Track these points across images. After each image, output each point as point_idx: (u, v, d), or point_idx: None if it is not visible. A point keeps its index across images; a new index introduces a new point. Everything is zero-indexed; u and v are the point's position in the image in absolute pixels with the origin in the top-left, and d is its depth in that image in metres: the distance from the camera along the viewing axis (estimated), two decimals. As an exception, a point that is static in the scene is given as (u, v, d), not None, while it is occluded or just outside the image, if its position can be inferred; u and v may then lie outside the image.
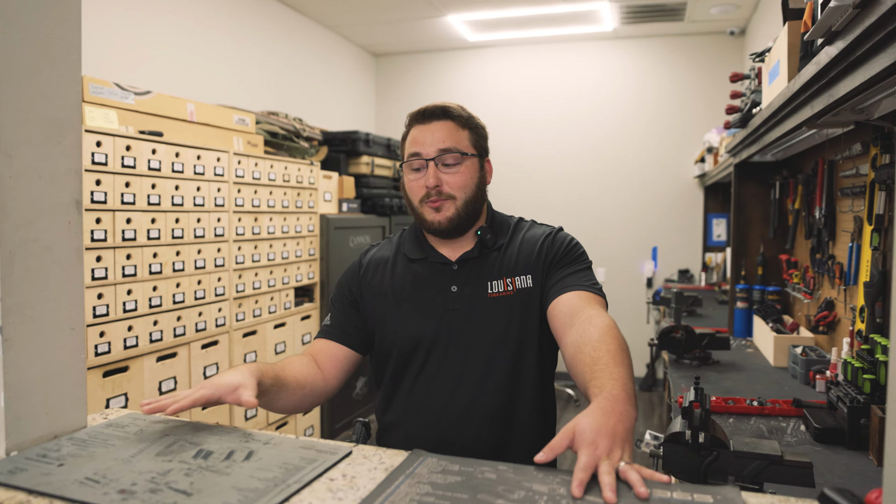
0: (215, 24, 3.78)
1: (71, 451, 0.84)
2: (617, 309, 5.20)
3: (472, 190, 1.30)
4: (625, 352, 1.03)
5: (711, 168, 4.06)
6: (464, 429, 1.26)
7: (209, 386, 0.96)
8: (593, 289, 1.26)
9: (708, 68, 4.89)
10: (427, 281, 1.33)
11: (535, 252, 1.33)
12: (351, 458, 0.85)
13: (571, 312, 1.18)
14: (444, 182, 1.28)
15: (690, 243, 5.05)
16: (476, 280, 1.31)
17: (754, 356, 2.45)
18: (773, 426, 1.67)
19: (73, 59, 0.91)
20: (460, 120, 1.33)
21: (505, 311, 1.28)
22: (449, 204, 1.28)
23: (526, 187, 5.39)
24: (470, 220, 1.32)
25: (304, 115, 4.54)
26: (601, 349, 1.02)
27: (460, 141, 1.30)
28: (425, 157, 1.28)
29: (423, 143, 1.29)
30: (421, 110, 1.34)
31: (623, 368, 0.97)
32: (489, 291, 1.30)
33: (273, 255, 3.31)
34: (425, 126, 1.31)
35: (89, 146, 2.21)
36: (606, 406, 0.85)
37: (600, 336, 1.05)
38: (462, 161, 1.30)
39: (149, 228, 2.47)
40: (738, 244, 2.90)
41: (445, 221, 1.28)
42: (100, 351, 2.27)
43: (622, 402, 0.88)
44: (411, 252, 1.37)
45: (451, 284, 1.31)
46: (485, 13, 4.55)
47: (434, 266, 1.34)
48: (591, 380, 0.96)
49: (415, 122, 1.34)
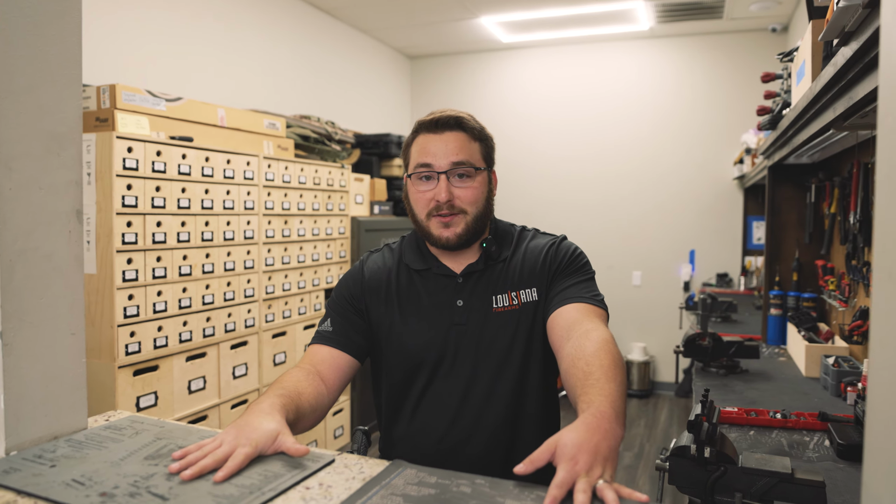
0: (249, 30, 3.86)
1: (66, 452, 0.88)
2: (652, 313, 5.11)
3: (482, 204, 1.29)
4: (618, 367, 1.00)
5: (749, 169, 3.95)
6: (470, 442, 1.26)
7: (247, 442, 0.86)
8: (594, 301, 1.23)
9: (747, 67, 4.75)
10: (432, 294, 1.31)
11: (538, 263, 1.31)
12: (332, 467, 0.85)
13: (569, 325, 1.16)
14: (457, 196, 1.25)
15: (730, 246, 4.91)
16: (481, 294, 1.29)
17: (786, 365, 2.37)
18: (795, 440, 1.61)
19: (74, 75, 0.94)
20: (473, 132, 1.30)
21: (510, 325, 1.27)
22: (459, 219, 1.26)
23: (561, 189, 5.33)
24: (478, 235, 1.31)
25: (339, 118, 4.60)
26: (594, 364, 1.00)
27: (473, 154, 1.28)
28: (437, 170, 1.25)
29: (436, 155, 1.26)
30: (433, 119, 1.29)
31: (614, 384, 0.95)
32: (494, 306, 1.28)
33: (303, 258, 3.36)
34: (437, 136, 1.28)
35: (121, 152, 2.29)
36: (592, 422, 0.83)
37: (595, 350, 1.03)
38: (475, 175, 1.28)
39: (178, 231, 2.55)
40: (772, 249, 2.81)
41: (454, 238, 1.25)
42: (130, 350, 2.35)
43: (608, 419, 0.86)
44: (414, 262, 1.34)
45: (457, 298, 1.29)
46: (518, 14, 4.53)
47: (438, 278, 1.32)
48: (581, 395, 0.95)
49: (424, 130, 1.30)
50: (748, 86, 4.72)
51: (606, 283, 5.22)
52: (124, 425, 0.99)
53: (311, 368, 1.24)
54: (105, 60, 2.89)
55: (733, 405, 1.84)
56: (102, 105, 2.41)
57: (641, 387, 5.04)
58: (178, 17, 3.34)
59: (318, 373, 1.25)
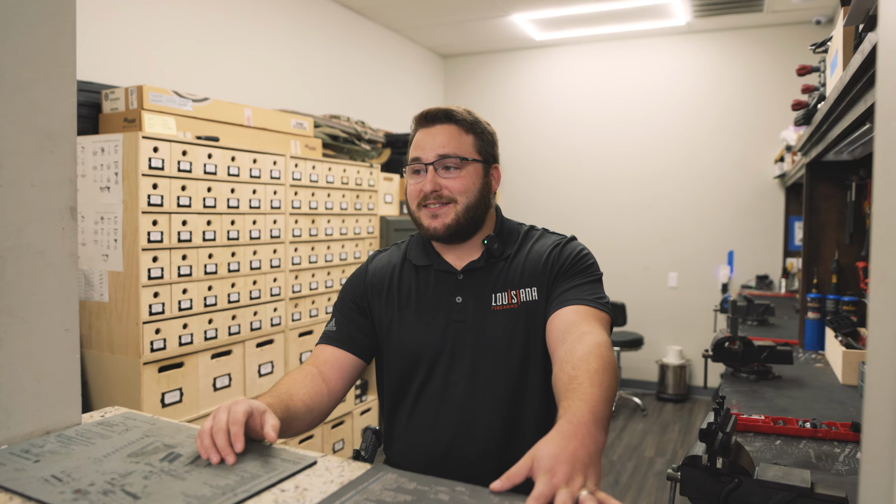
0: (280, 30, 3.90)
1: (53, 447, 0.88)
2: (688, 316, 4.97)
3: (473, 195, 1.26)
4: (607, 372, 0.96)
5: (790, 168, 3.80)
6: (467, 443, 1.23)
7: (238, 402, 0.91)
8: (596, 303, 1.19)
9: (789, 62, 4.56)
10: (431, 290, 1.30)
11: (541, 263, 1.28)
12: (312, 469, 0.84)
13: (566, 328, 1.12)
14: (444, 186, 1.25)
15: (770, 247, 4.74)
16: (481, 291, 1.27)
17: (822, 372, 2.26)
18: (824, 452, 1.52)
19: (68, 72, 0.95)
20: (464, 124, 1.29)
21: (509, 324, 1.24)
22: (449, 209, 1.25)
23: (596, 188, 5.24)
24: (471, 227, 1.28)
25: (371, 117, 4.61)
26: (581, 368, 0.96)
27: (462, 146, 1.27)
28: (425, 162, 1.26)
29: (424, 148, 1.27)
30: (424, 113, 1.30)
31: (598, 389, 0.90)
32: (493, 304, 1.26)
33: (331, 257, 3.37)
34: (428, 130, 1.28)
35: (146, 152, 2.33)
36: (568, 430, 0.80)
37: (584, 354, 0.99)
38: (463, 166, 1.26)
39: (204, 230, 2.58)
40: (810, 250, 2.69)
41: (442, 228, 1.25)
42: (155, 347, 2.39)
43: (586, 424, 0.81)
44: (417, 259, 1.34)
45: (456, 295, 1.28)
46: (550, 11, 4.46)
47: (439, 275, 1.31)
48: (562, 400, 0.91)
49: (418, 125, 1.31)
50: (790, 81, 4.54)
51: (642, 284, 5.11)
52: (117, 422, 1.00)
53: (313, 369, 1.24)
54: (135, 62, 2.95)
55: (761, 413, 1.76)
56: (130, 106, 2.47)
57: (677, 391, 4.91)
58: (209, 17, 3.39)
59: (321, 373, 1.24)
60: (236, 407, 0.90)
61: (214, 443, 0.86)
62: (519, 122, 5.49)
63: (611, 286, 5.46)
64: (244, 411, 0.89)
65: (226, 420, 0.88)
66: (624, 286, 5.11)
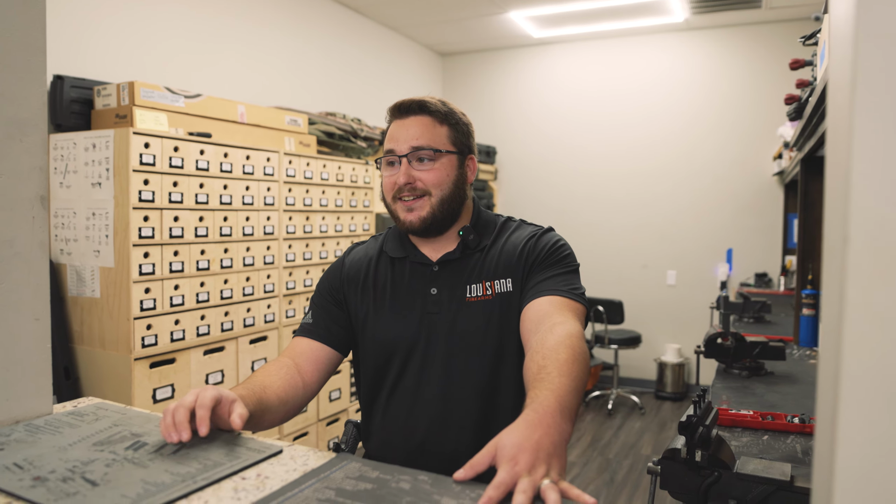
0: (276, 27, 3.90)
1: (20, 436, 0.88)
2: (687, 314, 4.95)
3: (448, 187, 1.25)
4: (577, 363, 0.95)
5: (788, 164, 3.77)
6: (442, 436, 1.22)
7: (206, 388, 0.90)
8: (571, 294, 1.18)
9: (788, 58, 4.49)
10: (406, 282, 1.29)
11: (516, 254, 1.27)
12: (277, 458, 0.83)
13: (539, 318, 1.12)
14: (418, 178, 1.24)
15: (769, 245, 4.72)
16: (455, 283, 1.26)
17: (815, 368, 2.24)
18: (811, 447, 1.51)
19: (38, 61, 0.94)
20: (438, 115, 1.27)
21: (483, 315, 1.23)
22: (424, 202, 1.24)
23: (594, 186, 5.22)
24: (447, 220, 1.27)
25: (369, 115, 4.60)
26: (550, 358, 0.95)
27: (436, 137, 1.25)
28: (398, 154, 1.24)
29: (398, 140, 1.25)
30: (398, 104, 1.28)
31: (566, 379, 0.89)
32: (468, 295, 1.25)
33: (325, 254, 3.37)
34: (402, 121, 1.27)
35: (137, 147, 2.33)
36: (533, 418, 0.79)
37: (554, 345, 0.98)
38: (437, 158, 1.25)
39: (196, 226, 2.58)
40: (805, 246, 2.67)
41: (417, 221, 1.24)
42: (146, 343, 2.39)
43: (552, 413, 0.80)
44: (393, 251, 1.33)
45: (431, 286, 1.27)
46: (547, 8, 4.45)
47: (414, 266, 1.30)
48: (530, 389, 0.90)
49: (393, 116, 1.29)
50: (788, 78, 4.52)
51: (640, 282, 5.09)
52: (88, 412, 0.99)
53: (289, 361, 1.23)
54: (129, 59, 2.95)
55: (750, 408, 1.75)
56: (122, 102, 2.47)
57: (675, 389, 4.89)
58: (204, 14, 3.39)
59: (297, 365, 1.23)
60: (205, 392, 0.90)
61: (174, 420, 0.86)
62: (517, 119, 5.48)
63: (609, 284, 5.45)
64: (212, 397, 0.89)
65: (192, 401, 0.88)
66: (622, 284, 5.10)
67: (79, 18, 2.72)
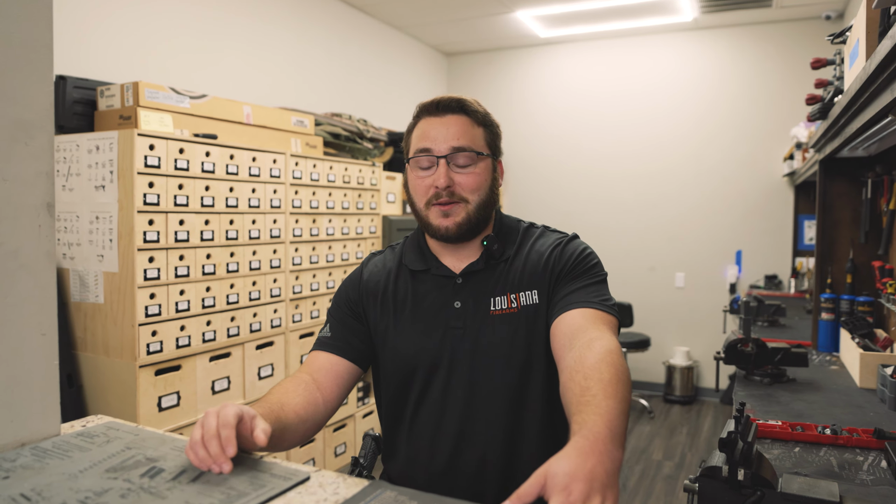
0: (281, 27, 3.84)
1: (26, 461, 0.82)
2: (695, 316, 4.89)
3: (485, 193, 1.19)
4: (621, 382, 0.89)
5: (800, 165, 3.72)
6: (468, 452, 1.17)
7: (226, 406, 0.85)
8: (602, 306, 1.12)
9: (798, 58, 4.49)
10: (429, 296, 1.23)
11: (541, 264, 1.21)
12: (305, 486, 0.77)
13: (573, 333, 1.05)
14: (457, 183, 1.17)
15: (779, 247, 4.66)
16: (480, 296, 1.20)
17: (838, 375, 2.19)
18: (846, 460, 1.45)
19: (44, 60, 0.89)
20: (476, 116, 1.21)
21: (509, 329, 1.18)
22: (460, 208, 1.17)
23: (601, 187, 5.17)
24: (479, 226, 1.22)
25: (374, 116, 4.55)
26: (593, 378, 0.89)
27: (475, 139, 1.19)
28: (437, 155, 1.17)
29: (436, 139, 1.17)
30: (435, 101, 1.20)
31: (613, 402, 0.84)
32: (492, 308, 1.19)
33: (332, 257, 3.31)
34: (438, 119, 1.19)
35: (142, 149, 2.27)
36: (584, 446, 0.73)
37: (595, 363, 0.92)
38: (476, 161, 1.18)
39: (202, 230, 2.52)
40: (823, 249, 2.61)
41: (454, 227, 1.17)
42: (151, 350, 2.33)
43: (604, 440, 0.75)
44: (413, 263, 1.26)
45: (455, 300, 1.21)
46: (554, 7, 4.39)
47: (437, 279, 1.24)
48: (575, 413, 0.84)
49: (426, 113, 1.21)
50: (799, 78, 4.47)
51: (648, 284, 5.03)
52: (98, 432, 0.93)
53: (306, 377, 1.17)
54: (132, 59, 2.89)
55: (777, 418, 1.69)
56: (126, 103, 2.41)
57: (684, 393, 4.83)
58: (208, 14, 3.33)
59: (315, 381, 1.17)
60: (225, 410, 0.84)
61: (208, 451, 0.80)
62: (523, 120, 5.42)
63: (617, 286, 5.41)
64: (234, 414, 0.84)
65: (216, 425, 0.82)
66: (630, 286, 5.04)
67: (81, 17, 2.66)
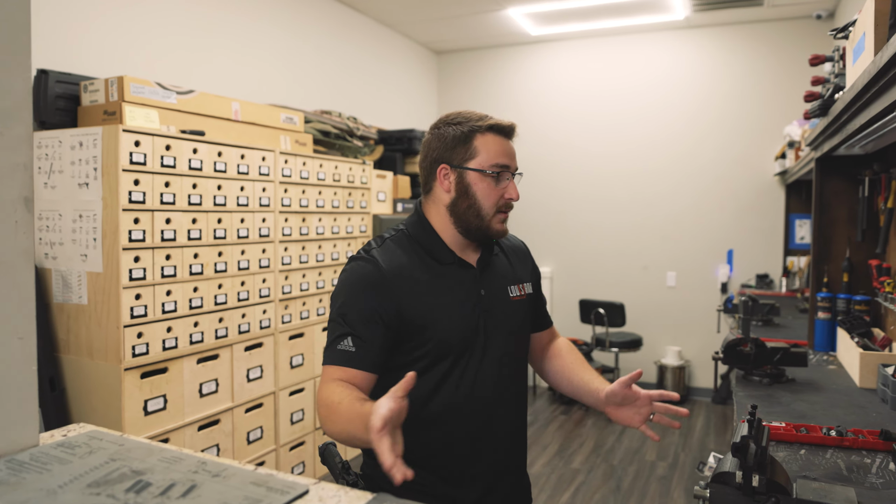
0: (270, 24, 3.77)
1: (2, 476, 0.76)
2: (687, 316, 4.89)
3: None
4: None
5: (793, 164, 3.71)
6: (502, 416, 1.37)
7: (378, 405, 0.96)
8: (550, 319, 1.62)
9: (790, 57, 4.49)
10: (459, 285, 1.37)
11: (529, 264, 1.53)
12: (304, 500, 0.72)
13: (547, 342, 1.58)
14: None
15: (770, 246, 4.66)
16: (498, 284, 1.41)
17: (837, 374, 2.16)
18: (854, 462, 1.42)
19: (21, 45, 0.83)
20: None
21: (521, 311, 1.44)
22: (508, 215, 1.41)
23: (593, 186, 5.14)
24: None
25: (364, 114, 4.49)
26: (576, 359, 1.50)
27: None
28: (513, 171, 1.37)
29: (512, 158, 1.37)
30: (507, 126, 1.38)
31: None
32: (511, 294, 1.42)
33: (322, 256, 3.25)
34: (506, 141, 1.38)
35: (127, 146, 2.20)
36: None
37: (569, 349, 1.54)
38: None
39: (189, 229, 2.45)
40: (820, 247, 2.59)
41: (506, 232, 1.41)
42: (137, 352, 2.26)
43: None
44: (443, 257, 1.36)
45: (480, 288, 1.38)
46: (546, 5, 4.36)
47: (461, 271, 1.38)
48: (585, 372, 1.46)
49: (497, 132, 1.37)
50: (790, 77, 4.47)
51: (640, 283, 5.01)
52: (80, 442, 0.88)
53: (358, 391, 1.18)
54: (118, 54, 2.81)
55: (780, 419, 1.66)
56: (111, 98, 2.34)
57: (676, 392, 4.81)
58: (196, 10, 3.26)
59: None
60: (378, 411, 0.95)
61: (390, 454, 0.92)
62: (514, 119, 5.34)
63: (609, 286, 5.39)
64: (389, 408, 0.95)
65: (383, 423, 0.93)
66: (622, 286, 5.02)
67: (64, 9, 2.58)
